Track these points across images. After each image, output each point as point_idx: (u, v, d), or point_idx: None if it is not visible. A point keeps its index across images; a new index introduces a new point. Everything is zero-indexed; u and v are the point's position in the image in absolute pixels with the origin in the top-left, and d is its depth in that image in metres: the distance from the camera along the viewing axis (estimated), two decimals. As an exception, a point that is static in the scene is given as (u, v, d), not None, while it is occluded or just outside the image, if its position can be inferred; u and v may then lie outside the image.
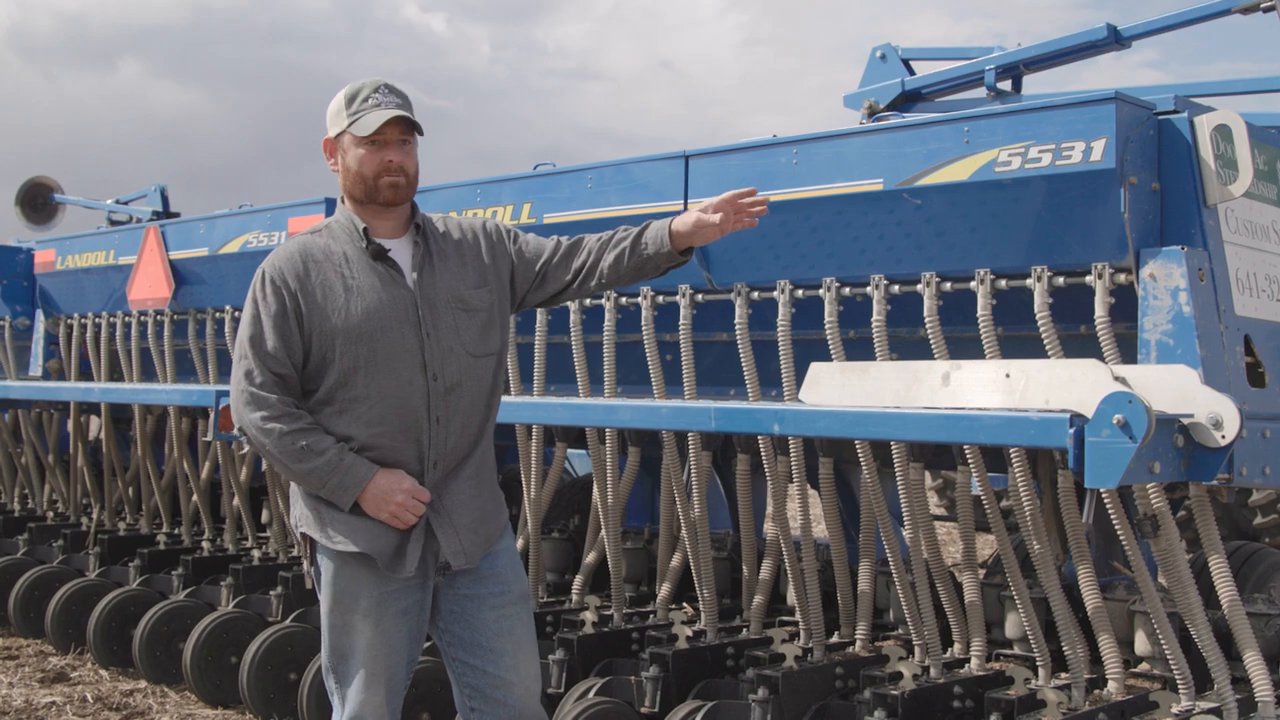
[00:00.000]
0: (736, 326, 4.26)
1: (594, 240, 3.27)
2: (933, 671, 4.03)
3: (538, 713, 3.20)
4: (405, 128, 3.09)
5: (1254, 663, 3.46)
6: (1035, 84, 6.07)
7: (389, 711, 3.10)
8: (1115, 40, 5.59)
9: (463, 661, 3.14)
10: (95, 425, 7.84)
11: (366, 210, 3.13)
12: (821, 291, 4.04)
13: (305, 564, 3.18)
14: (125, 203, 9.92)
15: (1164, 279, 3.36)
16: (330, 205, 5.64)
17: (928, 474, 4.35)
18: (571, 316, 4.70)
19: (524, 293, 3.30)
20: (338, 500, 3.00)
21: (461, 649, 3.14)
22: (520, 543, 5.06)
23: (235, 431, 3.09)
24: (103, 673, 6.10)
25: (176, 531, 7.06)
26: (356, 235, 3.10)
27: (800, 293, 4.12)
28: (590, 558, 5.09)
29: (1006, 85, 5.87)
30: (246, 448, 3.13)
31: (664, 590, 4.88)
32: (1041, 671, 3.88)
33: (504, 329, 3.24)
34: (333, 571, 3.07)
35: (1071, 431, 3.00)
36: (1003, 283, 3.68)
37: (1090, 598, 3.71)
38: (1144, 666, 4.05)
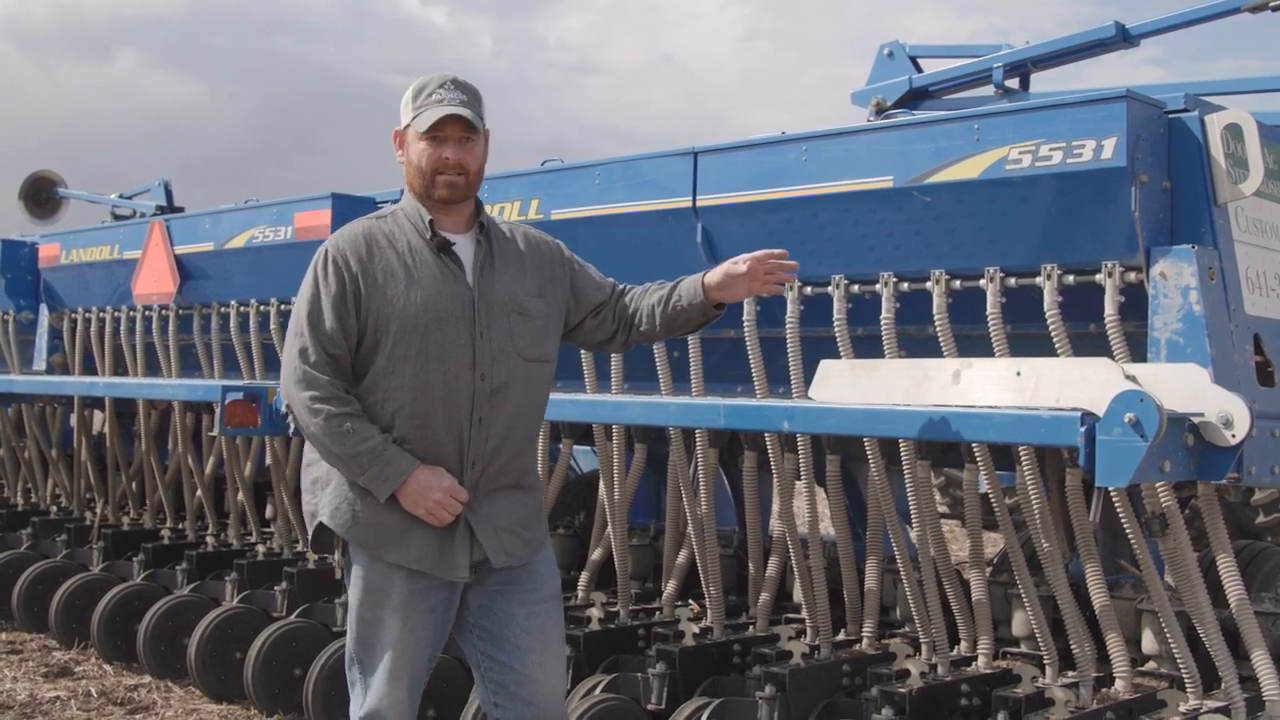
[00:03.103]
0: (745, 323, 4.26)
1: (637, 289, 3.33)
2: (940, 669, 4.03)
3: (561, 713, 3.19)
4: (466, 125, 3.08)
5: (1261, 661, 3.45)
6: (1041, 82, 6.08)
7: (408, 707, 3.10)
8: (1124, 39, 5.60)
9: (489, 656, 3.12)
10: (99, 420, 7.84)
11: (428, 204, 3.12)
12: (830, 289, 4.04)
13: (336, 555, 3.18)
14: (129, 197, 9.93)
15: (1174, 278, 3.36)
16: (335, 201, 5.65)
17: (933, 472, 4.34)
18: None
19: (576, 322, 3.31)
20: (375, 490, 2.98)
21: (489, 643, 3.12)
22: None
23: (283, 409, 3.08)
24: (107, 667, 6.10)
25: (181, 526, 7.05)
26: (422, 226, 3.09)
27: (809, 290, 4.12)
28: (596, 554, 5.09)
29: (1014, 83, 5.87)
30: (293, 426, 3.10)
31: (670, 587, 4.88)
32: (1049, 670, 3.88)
33: (556, 341, 3.24)
34: (366, 566, 3.06)
35: (1083, 430, 3.00)
36: (1012, 281, 3.68)
37: (1098, 596, 3.71)
38: (1151, 665, 4.06)
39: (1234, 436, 3.05)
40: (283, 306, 6.00)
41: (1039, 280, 3.60)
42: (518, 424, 3.12)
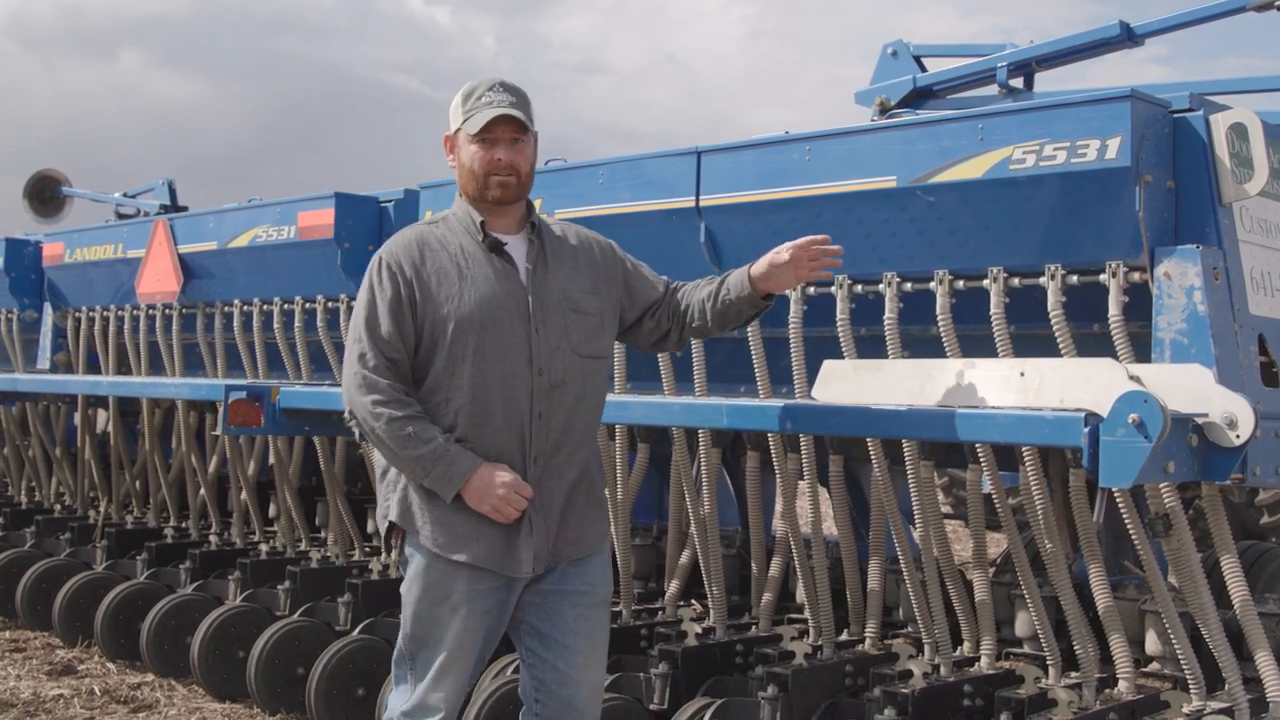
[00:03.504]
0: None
1: (687, 285, 3.40)
2: (943, 670, 4.03)
3: (597, 715, 3.26)
4: (517, 126, 3.11)
5: (1265, 662, 3.45)
6: (1046, 81, 6.07)
7: (455, 705, 3.15)
8: (1128, 38, 5.59)
9: (535, 653, 3.18)
10: (103, 418, 7.84)
11: (480, 206, 3.17)
12: (833, 288, 4.03)
13: (394, 553, 3.23)
14: (133, 196, 9.94)
15: (1179, 278, 3.35)
16: (339, 200, 5.65)
17: (936, 472, 4.33)
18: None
19: (633, 320, 3.36)
20: (440, 490, 3.03)
21: (536, 640, 3.18)
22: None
23: (346, 414, 3.15)
24: (110, 665, 6.11)
25: (184, 525, 7.06)
26: (474, 228, 3.14)
27: (812, 290, 4.11)
28: (599, 554, 5.08)
29: (1018, 82, 5.86)
30: (357, 432, 3.17)
31: (673, 587, 4.87)
32: (1052, 670, 3.87)
33: (611, 337, 3.29)
34: (425, 564, 3.10)
35: (1086, 430, 3.00)
36: (1016, 281, 3.67)
37: (1101, 597, 3.70)
38: (1155, 666, 4.05)
39: (1238, 437, 3.04)
40: (286, 306, 6.01)
41: (1043, 280, 3.59)
42: (576, 418, 3.17)
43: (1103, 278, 3.50)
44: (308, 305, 5.90)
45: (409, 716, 3.13)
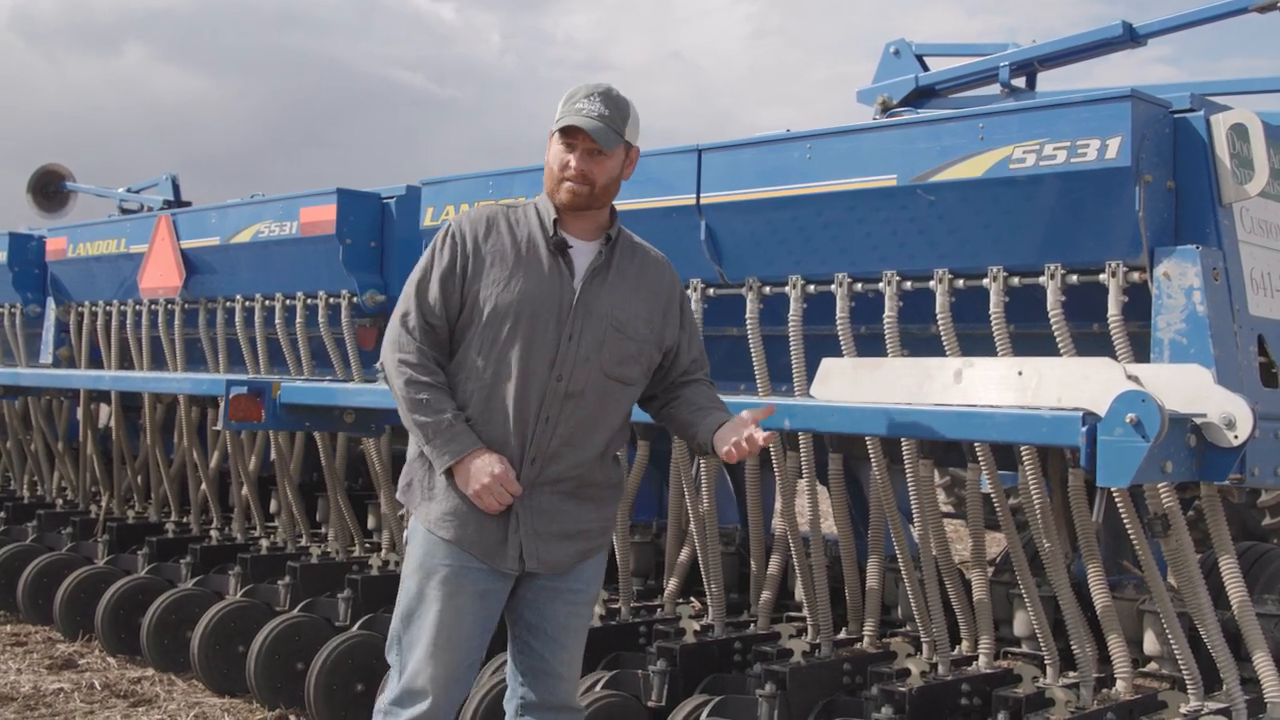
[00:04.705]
0: (747, 321, 4.26)
1: (696, 389, 3.29)
2: (940, 669, 4.03)
3: (578, 707, 3.32)
4: (596, 139, 3.09)
5: (1263, 663, 3.45)
6: (1048, 80, 6.06)
7: (447, 686, 3.08)
8: (1131, 38, 5.58)
9: (526, 643, 3.22)
10: (105, 413, 7.86)
11: (556, 205, 3.17)
12: (833, 287, 4.03)
13: (405, 532, 3.27)
14: (136, 191, 9.95)
15: (1178, 278, 3.35)
16: (341, 196, 5.66)
17: (935, 471, 4.34)
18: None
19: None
20: (435, 461, 3.07)
21: (527, 631, 3.21)
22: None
23: (377, 366, 3.19)
24: (110, 660, 6.12)
25: (185, 520, 7.07)
26: (547, 222, 3.15)
27: (812, 288, 4.11)
28: (598, 551, 5.09)
29: (1020, 82, 5.85)
30: (382, 383, 3.20)
31: (672, 584, 4.88)
32: (1049, 670, 3.87)
33: (646, 370, 3.24)
34: (423, 542, 3.14)
35: (1084, 430, 3.00)
36: (1016, 280, 3.67)
37: (1099, 596, 3.70)
38: (1152, 666, 4.05)
39: (1236, 438, 3.04)
40: (288, 301, 6.01)
41: (1042, 280, 3.59)
42: (588, 433, 3.14)
43: (1102, 277, 3.50)
44: (309, 301, 5.91)
45: (397, 704, 3.10)
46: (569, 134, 3.10)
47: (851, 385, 3.77)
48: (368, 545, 6.21)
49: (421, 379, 3.07)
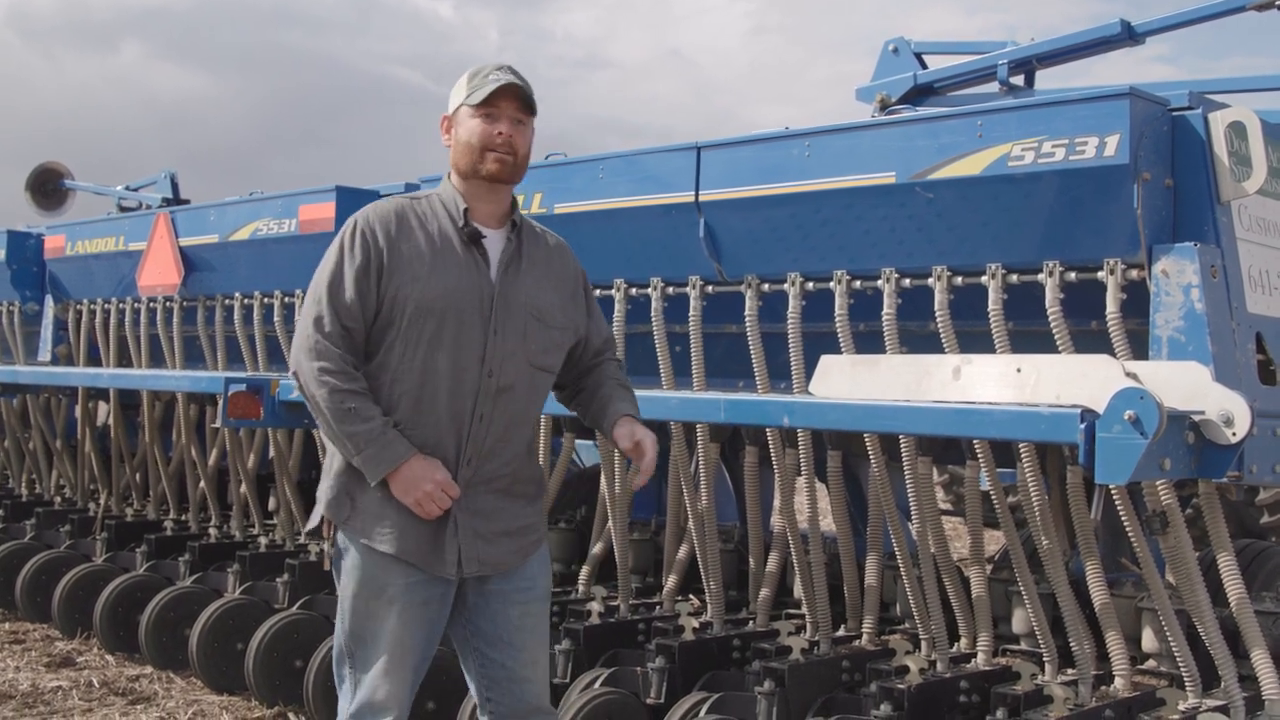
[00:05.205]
0: (746, 318, 4.26)
1: (604, 371, 3.28)
2: (939, 666, 4.03)
3: (549, 709, 3.24)
4: (521, 106, 3.07)
5: (1261, 660, 3.45)
6: (1047, 79, 6.05)
7: (404, 702, 3.06)
8: (1129, 36, 5.58)
9: (482, 654, 3.13)
10: (104, 411, 7.86)
11: (470, 189, 3.09)
12: (832, 284, 4.04)
13: (326, 545, 3.16)
14: (135, 189, 9.94)
15: (1176, 275, 3.35)
16: (340, 194, 5.66)
17: (934, 468, 4.34)
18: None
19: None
20: (368, 472, 2.96)
21: (483, 641, 3.12)
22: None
23: (290, 376, 3.05)
24: (109, 658, 6.11)
25: (184, 518, 7.07)
26: (456, 213, 3.08)
27: (811, 285, 4.11)
28: (597, 548, 5.09)
29: (1019, 80, 5.85)
30: (296, 394, 3.09)
31: (670, 582, 4.88)
32: (1048, 667, 3.88)
33: (562, 357, 3.22)
34: (358, 556, 3.03)
35: (1082, 427, 3.00)
36: (1014, 277, 3.67)
37: (1098, 594, 3.71)
38: (1151, 663, 4.05)
39: (1235, 435, 3.04)
40: (286, 299, 6.01)
41: (1041, 277, 3.59)
42: (516, 427, 3.10)
43: (1101, 275, 3.50)
44: (308, 299, 5.90)
45: (358, 718, 3.05)
46: (492, 104, 3.03)
47: (850, 382, 3.77)
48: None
49: (346, 387, 2.93)
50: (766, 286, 4.24)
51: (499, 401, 3.03)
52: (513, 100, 3.06)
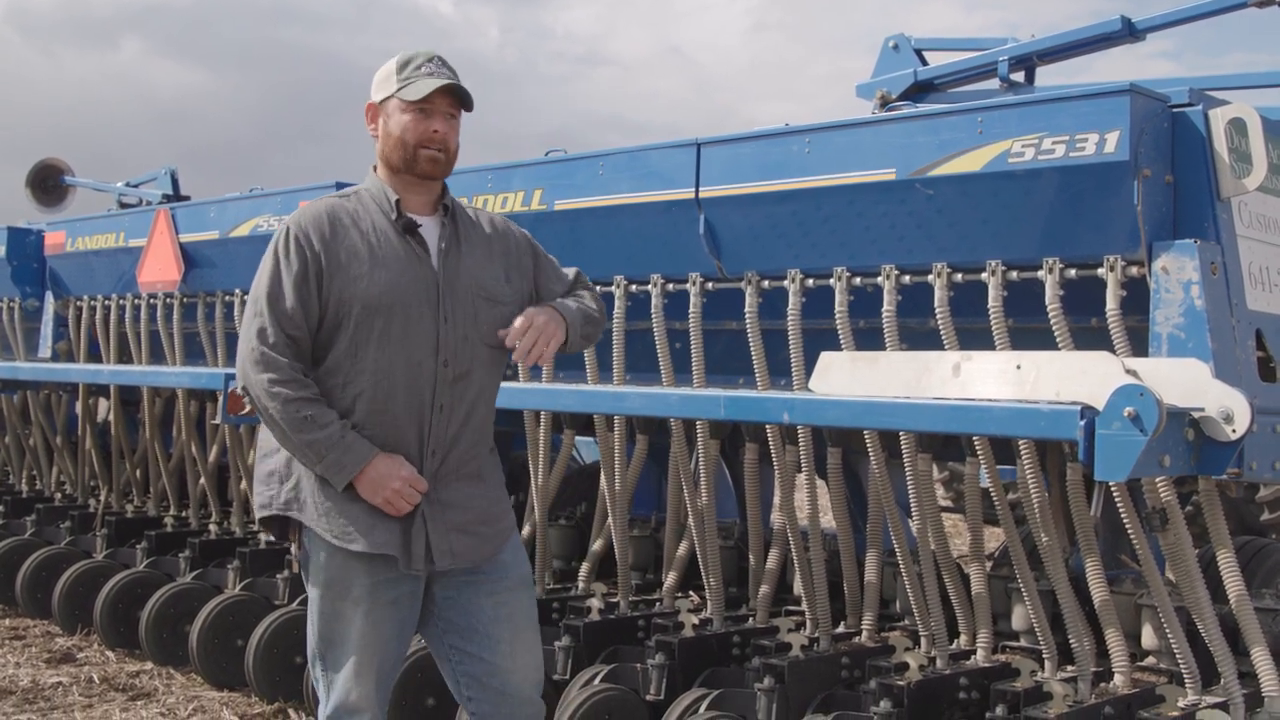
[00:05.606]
0: (746, 315, 4.26)
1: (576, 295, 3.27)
2: (939, 662, 4.03)
3: (536, 702, 3.16)
4: (454, 101, 3.05)
5: (1261, 657, 3.45)
6: (1048, 75, 6.05)
7: (377, 702, 3.03)
8: (1129, 33, 5.57)
9: (459, 649, 3.08)
10: (104, 407, 7.86)
11: (399, 181, 3.07)
12: (832, 281, 4.03)
13: (293, 548, 3.12)
14: (135, 185, 9.93)
15: (1176, 272, 3.35)
16: (339, 190, 5.63)
17: (935, 465, 4.34)
18: (581, 303, 4.69)
19: None
20: (333, 478, 2.92)
21: (458, 636, 3.08)
22: (527, 530, 5.07)
23: (239, 389, 3.01)
24: (109, 654, 6.12)
25: (184, 514, 7.07)
26: (387, 206, 3.04)
27: (811, 282, 4.11)
28: (597, 545, 5.09)
29: (1020, 76, 5.85)
30: (249, 407, 3.02)
31: (670, 578, 4.88)
32: (1048, 664, 3.88)
33: None
34: (324, 558, 2.99)
35: (1082, 424, 3.00)
36: (1014, 274, 3.67)
37: (1097, 591, 3.71)
38: (1150, 660, 4.05)
39: (1234, 431, 3.04)
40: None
41: (1041, 274, 3.59)
42: (476, 412, 3.08)
43: (1100, 272, 3.49)
44: (308, 295, 5.90)
45: None
46: (428, 100, 2.99)
47: (850, 379, 3.77)
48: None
49: (299, 395, 2.88)
50: (766, 283, 4.24)
51: (457, 389, 3.01)
52: (447, 96, 3.03)
